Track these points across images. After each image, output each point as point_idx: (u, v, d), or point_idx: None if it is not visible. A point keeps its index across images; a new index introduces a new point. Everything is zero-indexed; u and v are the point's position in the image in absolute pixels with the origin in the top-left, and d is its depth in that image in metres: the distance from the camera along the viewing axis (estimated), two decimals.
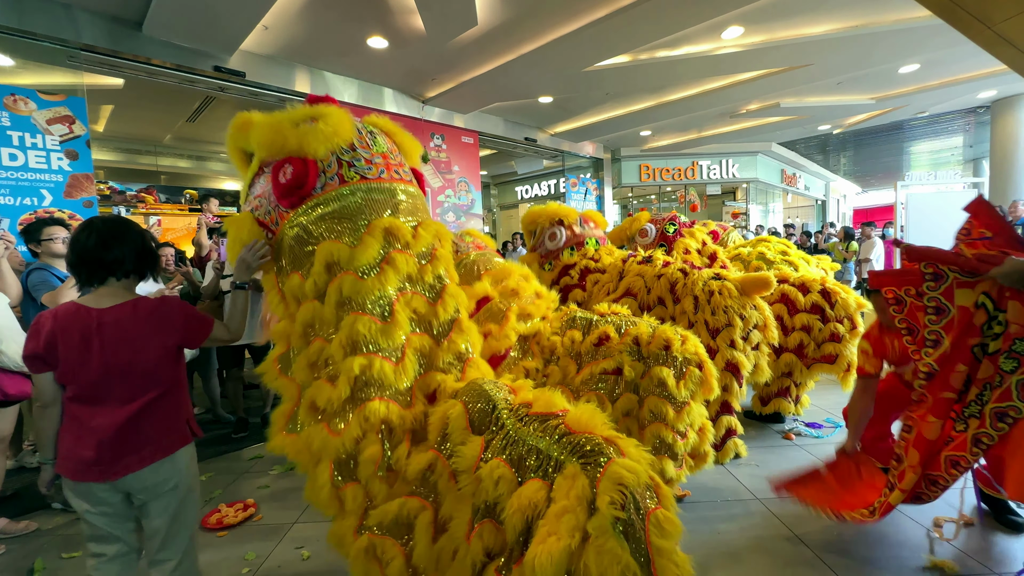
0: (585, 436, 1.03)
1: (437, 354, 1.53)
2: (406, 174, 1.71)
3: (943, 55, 6.47)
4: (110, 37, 4.37)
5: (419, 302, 1.52)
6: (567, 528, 0.89)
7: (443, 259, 1.62)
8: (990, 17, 1.81)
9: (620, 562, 0.86)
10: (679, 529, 0.94)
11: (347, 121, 1.57)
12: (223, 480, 3.05)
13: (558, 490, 0.96)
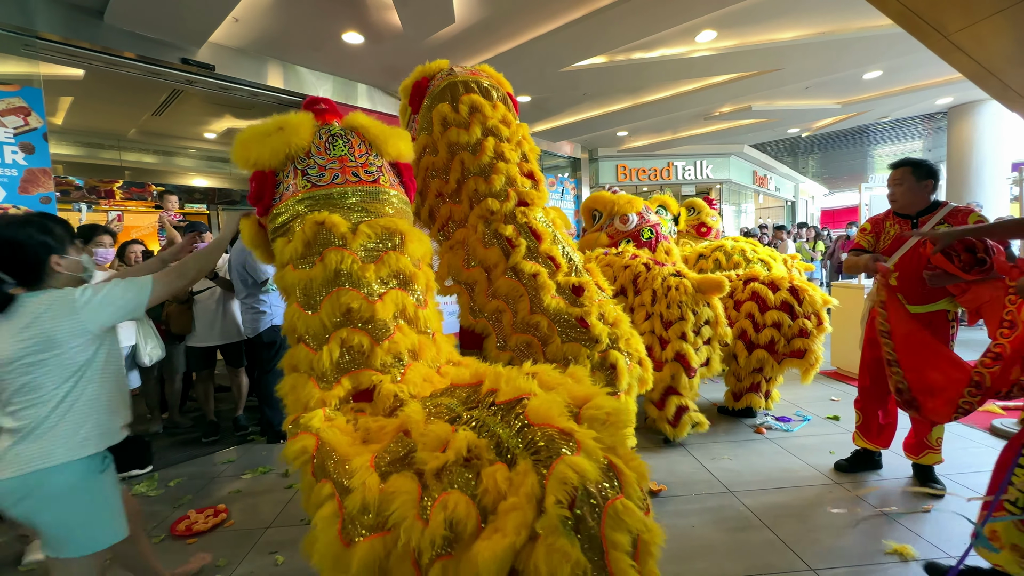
0: (541, 430, 0.98)
1: (375, 353, 1.45)
2: (369, 174, 1.64)
3: (904, 62, 6.76)
4: (69, 25, 4.17)
5: (352, 297, 1.44)
6: (513, 525, 0.88)
7: (388, 262, 1.53)
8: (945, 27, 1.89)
9: (570, 559, 0.85)
10: (639, 519, 0.92)
11: (303, 129, 1.59)
12: (193, 485, 2.96)
13: (512, 487, 0.94)
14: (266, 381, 3.56)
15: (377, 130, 1.71)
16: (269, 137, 1.58)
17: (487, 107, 2.18)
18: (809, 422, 3.48)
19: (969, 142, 9.18)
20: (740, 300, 3.52)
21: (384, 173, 1.69)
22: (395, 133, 1.74)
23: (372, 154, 1.68)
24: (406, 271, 1.56)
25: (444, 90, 2.22)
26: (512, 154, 2.19)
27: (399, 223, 1.61)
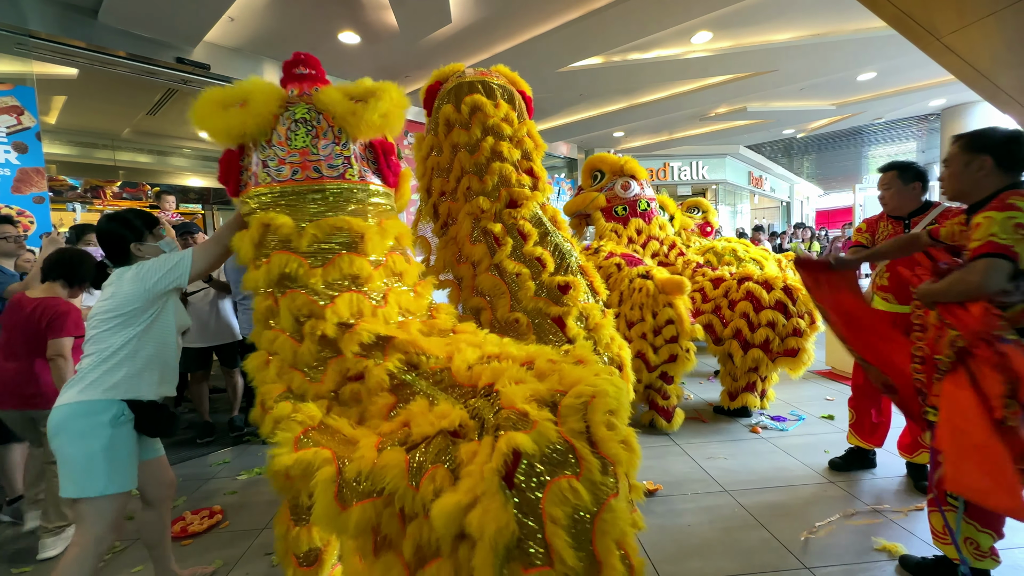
0: (508, 411, 1.06)
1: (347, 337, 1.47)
2: (333, 168, 1.52)
3: (897, 64, 6.80)
4: (62, 24, 4.14)
5: (301, 300, 1.44)
6: (464, 488, 0.98)
7: (339, 265, 1.47)
8: (938, 29, 1.91)
9: (498, 521, 0.91)
10: (585, 501, 0.97)
11: (264, 111, 1.49)
12: (188, 487, 2.95)
13: (477, 456, 1.03)
14: None
15: (344, 108, 1.52)
16: (228, 112, 1.50)
17: (488, 106, 2.18)
18: (804, 421, 3.50)
19: None
20: (735, 299, 3.54)
21: (353, 163, 1.57)
22: (368, 108, 1.53)
23: (341, 142, 1.56)
24: (362, 272, 1.49)
25: (450, 92, 2.24)
26: (511, 152, 2.19)
27: (353, 222, 1.50)
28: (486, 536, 0.91)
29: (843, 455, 2.80)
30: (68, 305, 2.24)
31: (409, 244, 1.75)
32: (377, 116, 1.52)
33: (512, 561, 0.93)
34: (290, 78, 1.68)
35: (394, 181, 1.71)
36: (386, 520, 1.09)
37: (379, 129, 1.57)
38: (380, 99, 1.54)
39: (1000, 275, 1.41)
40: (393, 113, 1.57)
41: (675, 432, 3.38)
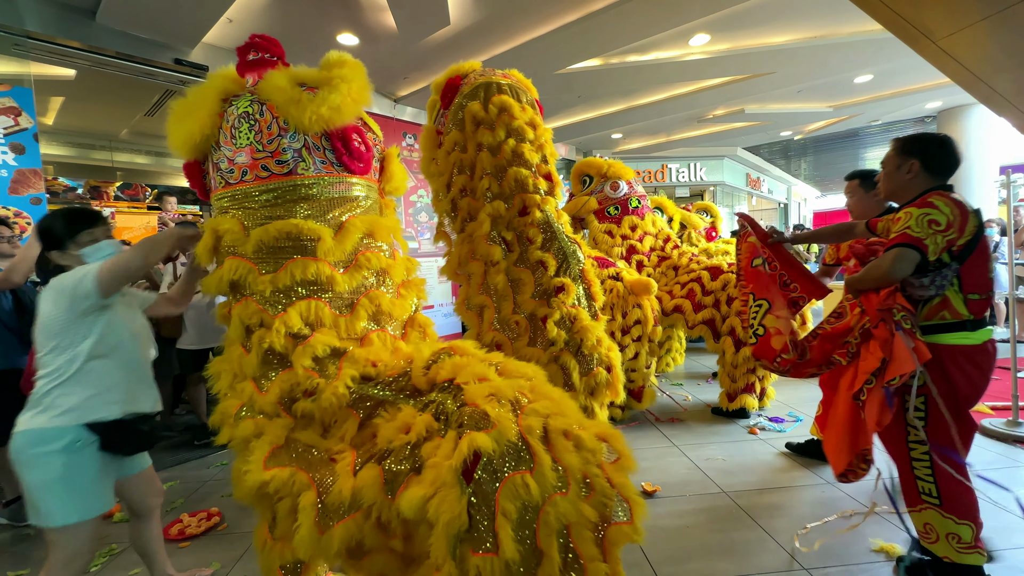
0: (471, 408, 1.15)
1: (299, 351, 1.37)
2: (282, 164, 1.38)
3: (894, 67, 6.84)
4: (60, 25, 4.14)
5: (252, 309, 1.39)
6: (428, 479, 1.08)
7: (291, 271, 1.37)
8: (933, 33, 1.92)
9: (453, 510, 1.02)
10: (535, 493, 1.05)
11: (203, 114, 1.38)
12: (185, 489, 2.94)
13: (439, 450, 1.12)
14: None
15: (285, 97, 1.36)
16: (182, 122, 1.43)
17: (515, 108, 2.22)
18: (802, 422, 3.51)
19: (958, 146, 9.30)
20: (733, 297, 3.58)
21: (306, 156, 1.41)
22: (316, 100, 1.36)
23: (288, 133, 1.39)
24: (319, 277, 1.38)
25: (477, 88, 2.27)
26: (532, 155, 2.25)
27: (304, 225, 1.38)
28: (440, 522, 1.02)
29: (803, 442, 2.96)
30: None
31: (393, 237, 1.59)
32: (325, 109, 1.36)
33: (464, 543, 1.03)
34: (244, 66, 1.51)
35: (360, 167, 1.51)
36: (368, 533, 1.16)
37: (328, 122, 1.38)
38: (333, 90, 1.37)
39: (907, 263, 1.50)
40: (346, 107, 1.40)
41: (673, 433, 3.38)
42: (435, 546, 1.04)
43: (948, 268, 1.55)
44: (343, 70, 1.44)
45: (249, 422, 1.37)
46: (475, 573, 1.01)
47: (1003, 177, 3.33)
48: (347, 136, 1.44)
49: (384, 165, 1.65)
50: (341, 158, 1.45)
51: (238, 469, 1.35)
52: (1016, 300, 3.43)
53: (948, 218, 1.52)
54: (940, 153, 1.65)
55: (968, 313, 1.59)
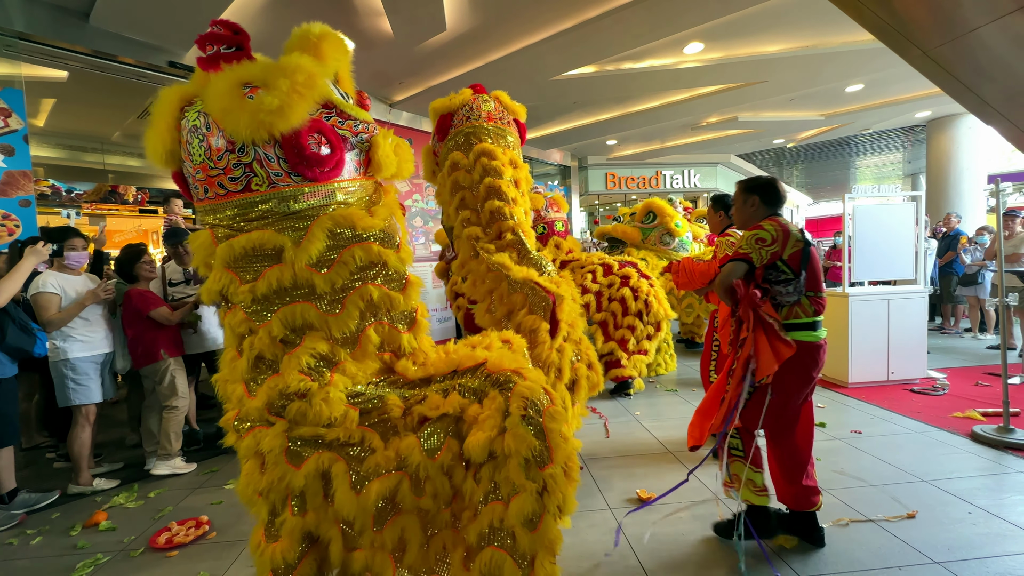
0: (499, 373, 1.48)
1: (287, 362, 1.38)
2: (235, 181, 1.28)
3: (884, 76, 6.94)
4: (53, 26, 4.11)
5: (239, 317, 1.39)
6: (488, 426, 1.37)
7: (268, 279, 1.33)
8: (924, 43, 1.95)
9: (526, 441, 1.34)
10: (564, 415, 1.45)
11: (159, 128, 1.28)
12: (174, 496, 2.89)
13: (485, 407, 1.42)
14: None
15: (222, 108, 1.19)
16: (149, 132, 1.34)
17: (496, 151, 2.58)
18: None
19: (947, 154, 9.44)
20: (614, 297, 4.39)
21: (257, 169, 1.27)
22: (253, 104, 1.18)
23: (236, 147, 1.25)
24: (299, 280, 1.34)
25: (458, 136, 2.65)
26: (508, 190, 2.58)
27: (264, 236, 1.30)
28: (519, 453, 1.33)
29: None
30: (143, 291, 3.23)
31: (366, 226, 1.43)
32: (263, 115, 1.17)
33: (530, 465, 1.35)
34: (204, 62, 1.32)
35: (321, 173, 1.33)
36: (403, 492, 1.39)
37: (270, 128, 1.19)
38: (270, 90, 1.18)
39: (737, 270, 1.94)
40: (290, 107, 1.18)
41: (668, 439, 3.38)
42: (514, 474, 1.33)
43: (798, 279, 1.97)
44: (288, 59, 1.25)
45: (248, 439, 1.43)
46: (546, 481, 1.34)
47: (992, 186, 3.38)
48: (299, 142, 1.24)
49: (371, 152, 1.45)
50: (296, 167, 1.28)
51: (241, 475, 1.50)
52: (1006, 307, 3.47)
53: (772, 235, 1.95)
54: (773, 191, 2.15)
55: (812, 313, 2.01)
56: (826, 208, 22.67)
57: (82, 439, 2.96)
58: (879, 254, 4.43)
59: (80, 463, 2.98)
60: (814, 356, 2.00)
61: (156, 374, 3.26)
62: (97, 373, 3.04)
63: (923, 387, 4.26)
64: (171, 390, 3.26)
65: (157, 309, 3.22)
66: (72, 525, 2.57)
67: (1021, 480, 2.64)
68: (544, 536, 1.36)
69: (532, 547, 1.35)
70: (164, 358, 3.27)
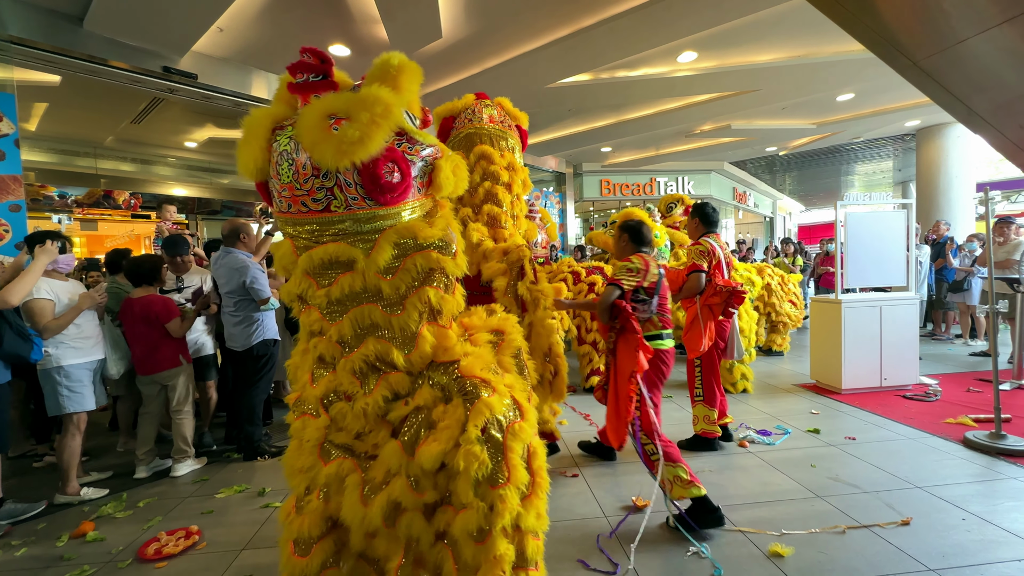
0: (468, 379, 1.46)
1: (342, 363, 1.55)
2: (317, 202, 1.41)
3: (875, 86, 7.04)
4: (46, 31, 4.09)
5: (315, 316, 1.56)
6: (444, 438, 1.38)
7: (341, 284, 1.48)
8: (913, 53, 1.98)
9: (478, 460, 1.35)
10: (529, 434, 1.46)
11: (252, 148, 1.42)
12: (163, 506, 2.84)
13: (447, 415, 1.43)
14: (250, 395, 3.47)
15: (312, 140, 1.32)
16: (241, 148, 1.45)
17: (495, 155, 2.62)
18: (790, 435, 3.52)
19: (936, 163, 9.57)
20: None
21: (337, 194, 1.40)
22: (336, 137, 1.29)
23: (320, 173, 1.37)
24: (368, 285, 1.47)
25: (461, 140, 2.71)
26: (504, 195, 2.66)
27: (341, 249, 1.44)
28: (468, 472, 1.33)
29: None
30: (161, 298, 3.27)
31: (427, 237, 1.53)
32: (347, 145, 1.29)
33: (483, 483, 1.36)
34: (294, 88, 1.46)
35: (391, 198, 1.45)
36: (402, 493, 1.43)
37: (351, 157, 1.30)
38: (352, 123, 1.30)
39: (611, 294, 2.45)
40: (369, 138, 1.30)
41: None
42: (461, 490, 1.34)
43: (652, 300, 2.56)
44: (368, 91, 1.35)
45: (298, 421, 1.58)
46: (495, 501, 1.35)
47: (980, 194, 3.42)
48: (374, 171, 1.37)
49: (432, 175, 1.54)
50: (371, 194, 1.41)
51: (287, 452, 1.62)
52: (996, 313, 3.50)
53: (638, 267, 2.54)
54: (638, 233, 2.69)
55: (661, 327, 2.62)
56: (818, 215, 22.90)
57: (72, 447, 2.92)
58: (871, 261, 4.47)
59: (69, 472, 2.93)
60: (664, 359, 2.60)
61: (173, 379, 3.29)
62: (90, 380, 3.01)
63: (916, 393, 4.29)
64: (186, 395, 3.33)
65: (174, 320, 3.23)
66: (58, 536, 2.52)
67: (1014, 486, 2.65)
68: (490, 550, 1.37)
69: (476, 560, 1.38)
70: (183, 363, 3.33)
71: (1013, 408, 3.79)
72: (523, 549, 1.45)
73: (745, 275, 5.55)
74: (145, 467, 3.27)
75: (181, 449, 3.31)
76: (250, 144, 1.42)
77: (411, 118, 1.53)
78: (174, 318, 3.23)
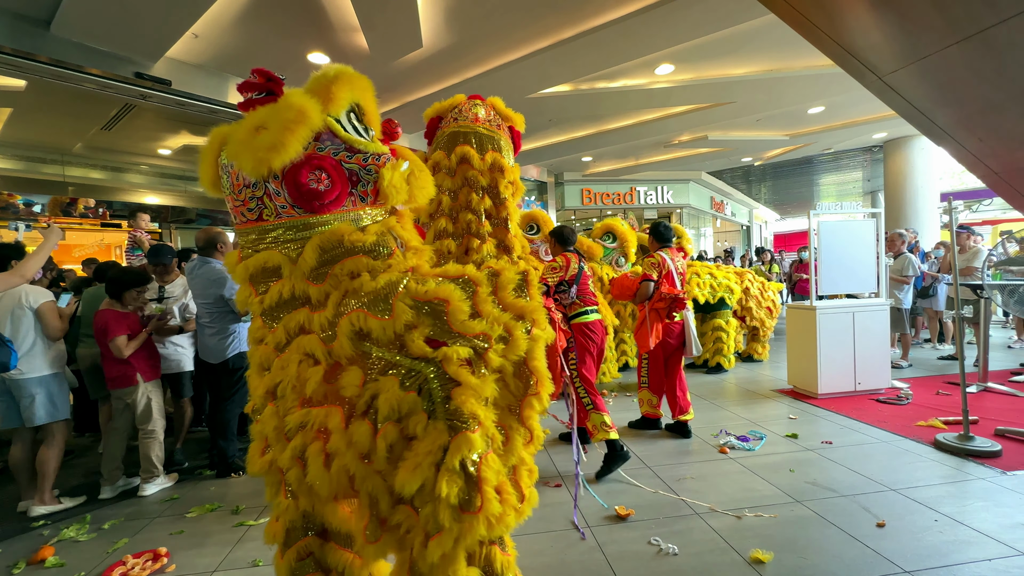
0: (455, 407, 1.40)
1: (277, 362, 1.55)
2: (252, 211, 1.44)
3: (844, 99, 7.30)
4: (11, 34, 3.96)
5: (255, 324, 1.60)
6: (427, 463, 1.36)
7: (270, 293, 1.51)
8: (879, 69, 2.05)
9: (457, 484, 1.35)
10: (499, 465, 1.44)
11: (205, 163, 1.47)
12: (130, 527, 2.72)
13: (428, 437, 1.39)
14: (224, 409, 3.37)
15: (234, 150, 1.36)
16: (200, 163, 1.51)
17: (475, 159, 2.48)
18: (769, 440, 3.56)
19: (903, 173, 9.94)
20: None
21: (267, 202, 1.42)
22: (255, 141, 1.31)
23: (251, 182, 1.40)
24: (295, 292, 1.48)
25: (446, 137, 2.54)
26: (480, 204, 2.49)
27: (265, 256, 1.46)
28: (450, 497, 1.33)
29: (638, 419, 4.01)
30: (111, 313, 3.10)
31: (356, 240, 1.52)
32: (263, 152, 1.29)
33: (456, 507, 1.35)
34: (241, 107, 1.48)
35: (320, 206, 1.44)
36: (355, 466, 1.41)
37: (268, 162, 1.30)
38: (267, 129, 1.31)
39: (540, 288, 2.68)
40: (283, 145, 1.29)
41: (646, 454, 3.39)
42: (441, 515, 1.34)
43: (572, 288, 3.22)
44: (284, 98, 1.38)
45: (257, 425, 1.56)
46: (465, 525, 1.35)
47: (945, 203, 3.55)
48: (296, 178, 1.36)
49: (379, 184, 1.51)
50: (296, 201, 1.40)
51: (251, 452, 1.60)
52: (962, 319, 3.63)
53: (561, 265, 3.20)
54: (562, 236, 3.35)
55: (583, 306, 3.27)
56: (793, 224, 23.52)
57: (54, 457, 2.94)
58: (843, 268, 4.60)
59: (46, 483, 2.93)
60: (592, 328, 3.25)
61: (131, 397, 3.13)
62: (65, 389, 3.05)
63: (888, 397, 4.41)
64: (147, 415, 3.14)
65: (118, 339, 3.02)
66: (15, 563, 2.38)
67: (982, 486, 2.73)
68: (444, 567, 1.39)
69: (430, 573, 1.40)
70: (140, 382, 3.13)
71: (980, 410, 3.92)
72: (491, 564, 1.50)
73: (724, 282, 5.66)
74: (111, 486, 3.13)
75: (147, 470, 3.18)
76: (204, 160, 1.50)
77: (361, 128, 1.51)
78: (118, 336, 3.02)
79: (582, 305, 3.27)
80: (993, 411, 3.94)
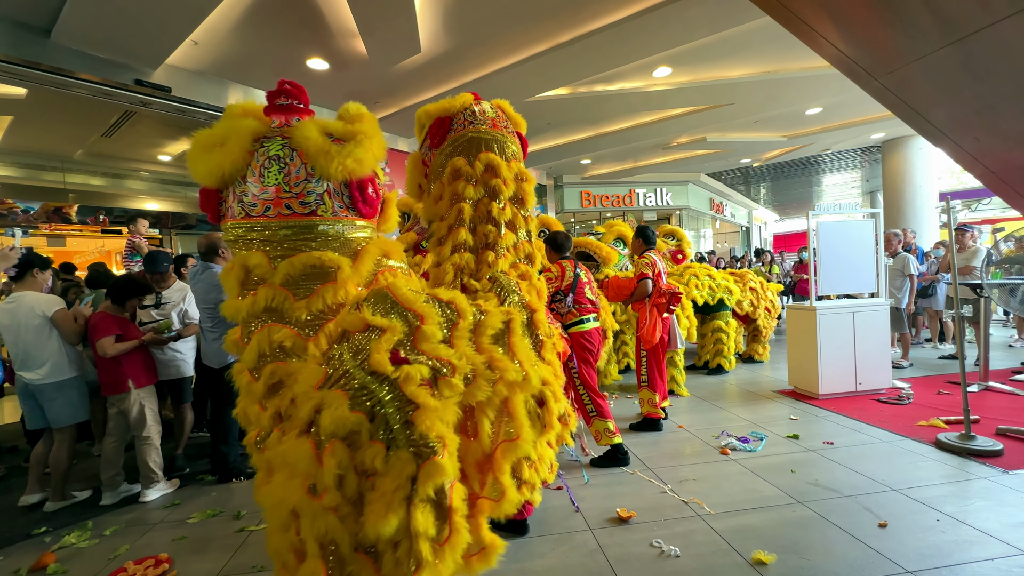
0: (420, 433, 1.37)
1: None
2: (305, 205, 1.58)
3: (842, 100, 7.32)
4: (12, 43, 3.98)
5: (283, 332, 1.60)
6: (398, 499, 1.32)
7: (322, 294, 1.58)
8: (875, 70, 2.06)
9: (432, 514, 1.35)
10: (464, 491, 1.48)
11: (236, 151, 1.54)
12: (131, 533, 2.72)
13: (391, 470, 1.34)
14: (226, 413, 3.36)
15: (316, 148, 1.53)
16: (209, 153, 1.56)
17: (502, 167, 2.30)
18: (770, 441, 3.56)
19: (901, 173, 9.96)
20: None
21: (326, 199, 1.59)
22: (343, 152, 1.55)
23: (314, 179, 1.57)
24: (348, 298, 1.60)
25: (466, 143, 2.31)
26: (501, 215, 2.30)
27: (325, 256, 1.58)
28: (428, 531, 1.33)
29: (639, 421, 3.99)
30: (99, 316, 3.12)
31: (400, 258, 1.84)
32: (351, 161, 1.56)
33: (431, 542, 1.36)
34: (272, 109, 1.67)
35: (370, 213, 1.71)
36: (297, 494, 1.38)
37: (351, 172, 1.58)
38: (359, 145, 1.58)
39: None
40: (368, 161, 1.60)
41: (647, 456, 3.38)
42: (420, 550, 1.32)
43: (568, 297, 3.18)
44: (364, 125, 1.64)
45: (258, 456, 1.57)
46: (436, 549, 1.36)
47: (943, 203, 3.56)
48: (364, 186, 1.64)
49: (383, 207, 1.81)
50: (356, 204, 1.65)
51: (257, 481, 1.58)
52: (962, 318, 3.63)
53: (556, 274, 3.21)
54: (556, 244, 3.33)
55: (580, 315, 3.22)
56: (792, 224, 23.53)
57: (66, 456, 3.08)
58: (842, 269, 4.60)
59: (63, 481, 3.10)
60: (588, 338, 3.23)
61: (123, 404, 3.12)
62: (85, 391, 3.16)
63: (889, 396, 4.40)
64: (141, 421, 3.13)
65: (104, 339, 3.00)
66: (16, 569, 2.38)
67: (984, 486, 2.73)
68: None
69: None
70: (131, 389, 3.12)
71: (981, 409, 3.92)
72: None
73: (723, 283, 5.66)
74: (112, 492, 3.13)
75: (147, 475, 3.18)
76: (230, 148, 1.53)
77: None
78: (104, 337, 3.01)
79: (579, 314, 3.24)
80: (994, 410, 3.93)
